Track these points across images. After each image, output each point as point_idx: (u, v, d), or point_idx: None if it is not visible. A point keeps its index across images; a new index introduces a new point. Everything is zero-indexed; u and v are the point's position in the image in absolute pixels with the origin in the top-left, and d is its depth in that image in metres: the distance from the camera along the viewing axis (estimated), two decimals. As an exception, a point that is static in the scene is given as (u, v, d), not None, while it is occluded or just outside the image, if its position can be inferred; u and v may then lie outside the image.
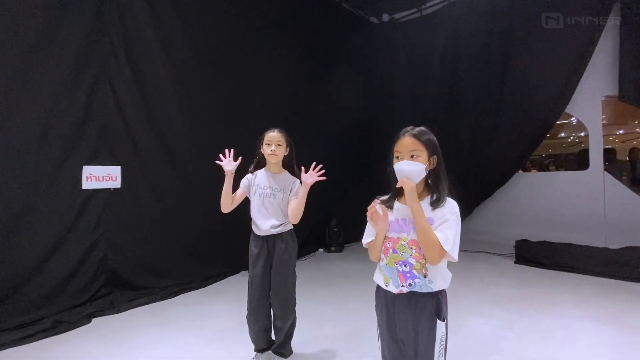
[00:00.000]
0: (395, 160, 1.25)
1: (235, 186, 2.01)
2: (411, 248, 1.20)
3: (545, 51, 4.99)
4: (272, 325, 2.03)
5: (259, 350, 2.05)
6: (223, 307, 3.04)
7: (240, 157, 1.95)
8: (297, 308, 2.08)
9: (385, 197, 1.34)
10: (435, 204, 1.21)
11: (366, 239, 1.34)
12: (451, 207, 1.20)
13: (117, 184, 3.22)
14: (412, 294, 1.20)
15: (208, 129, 3.91)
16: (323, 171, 1.83)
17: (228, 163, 1.90)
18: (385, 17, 7.05)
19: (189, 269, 3.65)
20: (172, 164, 3.64)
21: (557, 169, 8.47)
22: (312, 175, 1.82)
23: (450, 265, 1.23)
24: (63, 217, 2.87)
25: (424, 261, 1.18)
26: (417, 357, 1.19)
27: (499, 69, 5.36)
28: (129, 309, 2.99)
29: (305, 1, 5.28)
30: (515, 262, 4.28)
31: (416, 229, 1.17)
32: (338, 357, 2.17)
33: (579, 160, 5.65)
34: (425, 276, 1.19)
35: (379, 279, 1.30)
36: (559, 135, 11.01)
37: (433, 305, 1.19)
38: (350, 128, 6.03)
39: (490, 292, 3.28)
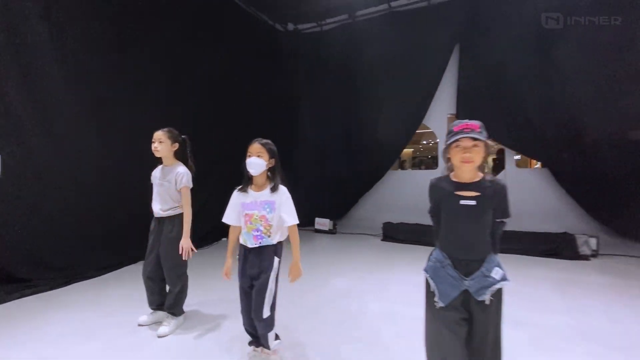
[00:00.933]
0: (248, 157, 1.86)
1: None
2: (261, 220, 1.84)
3: (409, 74, 6.34)
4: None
5: (153, 308, 2.47)
6: (120, 290, 3.25)
7: None
8: (192, 281, 2.55)
9: (241, 186, 1.94)
10: (273, 189, 1.88)
11: (227, 219, 1.96)
12: (283, 192, 1.92)
13: (-5, 173, 3.09)
14: (261, 247, 1.87)
15: (101, 116, 3.91)
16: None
17: None
18: (290, 27, 7.70)
19: (82, 259, 3.66)
20: (62, 153, 3.57)
21: (427, 168, 10.53)
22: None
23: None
24: None
25: (269, 227, 1.83)
26: (260, 280, 1.85)
27: (378, 89, 6.56)
28: (12, 300, 2.95)
29: (210, 1, 5.51)
30: (382, 240, 5.48)
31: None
32: (223, 314, 2.71)
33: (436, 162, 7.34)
34: (269, 236, 1.87)
35: (241, 239, 1.93)
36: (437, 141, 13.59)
37: (273, 250, 1.88)
38: (255, 127, 6.46)
39: (355, 260, 4.27)
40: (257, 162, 1.84)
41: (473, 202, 1.34)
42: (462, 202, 1.35)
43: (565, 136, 5.19)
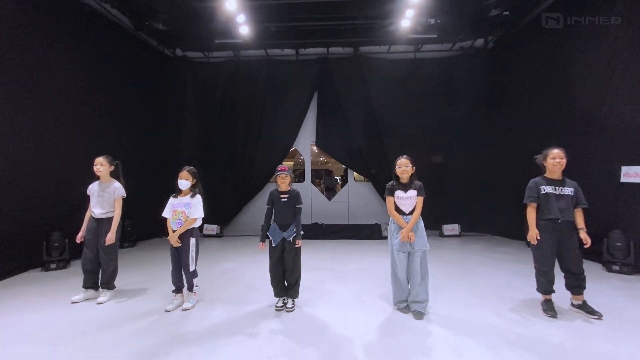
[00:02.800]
0: (179, 179, 3.16)
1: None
2: (181, 214, 3.15)
3: (283, 110, 8.22)
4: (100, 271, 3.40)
5: (86, 287, 3.38)
6: (32, 289, 3.81)
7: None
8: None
9: (175, 194, 3.22)
10: (192, 196, 3.22)
11: (165, 214, 3.19)
12: (198, 198, 3.26)
13: None
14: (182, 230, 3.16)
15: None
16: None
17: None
18: (179, 52, 8.56)
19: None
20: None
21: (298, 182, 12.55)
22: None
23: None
24: None
25: (186, 218, 3.16)
26: (182, 255, 3.15)
27: (258, 118, 8.18)
28: None
29: (97, 25, 5.99)
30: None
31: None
32: (148, 286, 3.76)
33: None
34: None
35: (170, 226, 3.17)
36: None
37: (190, 232, 3.19)
38: (142, 145, 7.03)
39: (238, 253, 5.71)
40: (184, 183, 3.17)
41: (286, 199, 3.07)
42: (282, 199, 3.07)
43: (380, 161, 7.95)
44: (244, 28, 6.49)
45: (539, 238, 2.94)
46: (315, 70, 8.22)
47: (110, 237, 3.32)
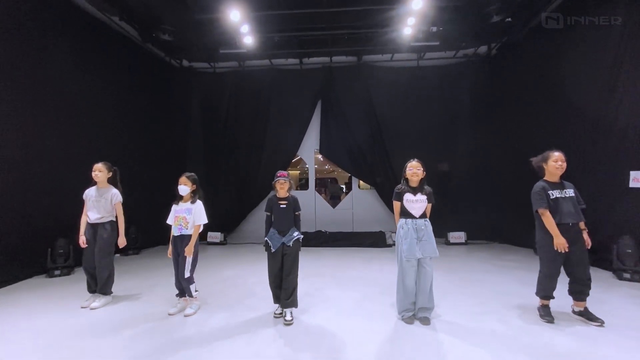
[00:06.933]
0: (179, 185, 3.18)
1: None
2: (183, 220, 3.16)
3: (288, 118, 8.28)
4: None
5: (91, 291, 3.39)
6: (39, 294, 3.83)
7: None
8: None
9: (176, 200, 3.24)
10: (192, 202, 3.23)
11: (169, 221, 3.22)
12: (198, 203, 3.26)
13: None
14: (181, 235, 3.17)
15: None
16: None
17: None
18: (185, 63, 8.75)
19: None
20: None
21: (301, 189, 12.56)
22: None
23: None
24: None
25: (187, 224, 3.17)
26: (179, 261, 3.14)
27: (263, 124, 8.27)
28: None
29: (110, 39, 6.27)
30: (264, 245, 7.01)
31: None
32: (149, 291, 3.76)
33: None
34: (187, 229, 3.19)
35: (172, 231, 3.18)
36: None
37: (189, 238, 3.18)
38: (150, 155, 7.20)
39: (241, 261, 5.70)
40: (183, 188, 3.18)
41: (285, 206, 3.06)
42: (281, 206, 3.06)
43: (384, 168, 7.92)
44: (248, 38, 6.61)
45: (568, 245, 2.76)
46: (318, 79, 8.29)
47: (122, 242, 3.49)
